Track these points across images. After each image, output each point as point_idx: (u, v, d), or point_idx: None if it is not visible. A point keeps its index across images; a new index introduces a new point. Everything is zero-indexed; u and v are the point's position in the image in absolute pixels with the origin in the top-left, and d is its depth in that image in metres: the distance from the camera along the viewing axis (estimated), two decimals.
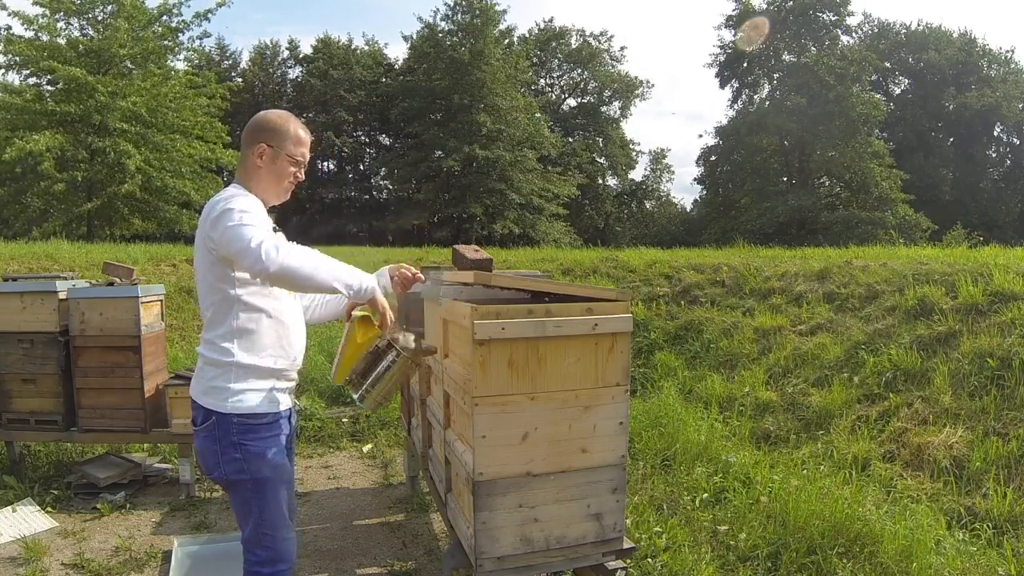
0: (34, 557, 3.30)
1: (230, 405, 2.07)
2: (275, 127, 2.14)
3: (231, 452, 2.08)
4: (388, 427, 5.55)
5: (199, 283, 2.14)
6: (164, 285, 4.84)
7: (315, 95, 31.37)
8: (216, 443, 2.08)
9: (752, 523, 3.39)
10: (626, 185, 39.38)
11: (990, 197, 35.32)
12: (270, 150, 2.13)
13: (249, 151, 2.15)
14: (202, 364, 2.14)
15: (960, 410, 4.31)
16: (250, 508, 2.12)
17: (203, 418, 2.11)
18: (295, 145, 2.16)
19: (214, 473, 2.13)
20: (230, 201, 1.98)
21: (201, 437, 2.12)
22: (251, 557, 2.15)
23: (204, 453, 2.13)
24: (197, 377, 2.15)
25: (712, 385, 5.83)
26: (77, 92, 15.43)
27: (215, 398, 2.08)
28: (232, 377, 2.08)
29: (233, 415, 2.07)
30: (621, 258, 10.23)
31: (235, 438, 2.07)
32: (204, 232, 2.03)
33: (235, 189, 2.12)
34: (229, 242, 1.90)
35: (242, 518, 2.16)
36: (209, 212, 2.01)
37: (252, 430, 2.09)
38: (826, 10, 32.28)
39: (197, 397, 2.13)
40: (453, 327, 2.50)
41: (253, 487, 2.10)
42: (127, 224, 17.44)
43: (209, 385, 2.09)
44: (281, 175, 2.16)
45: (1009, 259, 6.29)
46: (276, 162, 2.14)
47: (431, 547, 3.52)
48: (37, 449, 4.67)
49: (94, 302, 4.09)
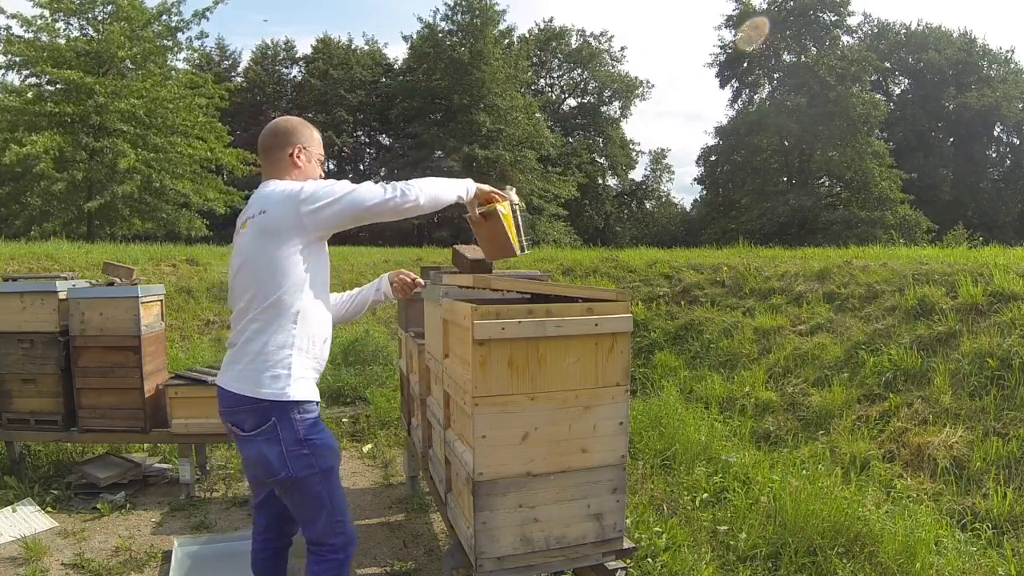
0: (34, 557, 3.30)
1: (292, 393, 2.08)
2: (302, 130, 2.30)
3: (298, 449, 2.09)
4: (388, 427, 5.55)
5: (255, 272, 2.11)
6: (164, 285, 4.84)
7: (315, 95, 31.36)
8: (279, 444, 2.08)
9: (752, 523, 3.38)
10: (626, 185, 39.39)
11: (990, 197, 35.32)
12: (305, 151, 2.27)
13: (282, 153, 2.24)
14: (252, 356, 2.10)
15: (960, 410, 4.31)
16: (321, 500, 2.14)
17: (259, 420, 2.08)
18: (318, 145, 2.35)
19: (280, 474, 2.10)
20: (313, 182, 2.15)
21: (259, 442, 2.09)
22: (325, 549, 2.16)
23: (265, 458, 2.09)
24: (244, 372, 2.10)
25: (712, 385, 5.83)
26: (76, 93, 15.43)
27: (274, 388, 2.07)
28: (293, 363, 2.11)
29: (294, 404, 2.08)
30: (621, 258, 10.24)
31: (300, 435, 2.10)
32: (291, 214, 2.07)
33: (290, 181, 2.20)
34: (358, 203, 2.08)
35: (312, 513, 2.15)
36: (290, 189, 2.10)
37: (311, 423, 2.13)
38: (826, 10, 32.26)
39: (250, 392, 2.08)
40: (453, 327, 2.50)
41: (322, 478, 2.13)
42: (127, 224, 17.44)
43: (268, 375, 2.08)
44: (316, 173, 2.32)
45: (1009, 259, 6.29)
46: (311, 162, 2.30)
47: (431, 547, 3.52)
48: (37, 449, 4.67)
49: (94, 302, 4.09)
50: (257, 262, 2.11)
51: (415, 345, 3.44)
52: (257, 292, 2.12)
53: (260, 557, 2.42)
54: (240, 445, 2.20)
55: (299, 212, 2.07)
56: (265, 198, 2.15)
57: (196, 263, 9.76)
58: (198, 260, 9.93)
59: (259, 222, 2.12)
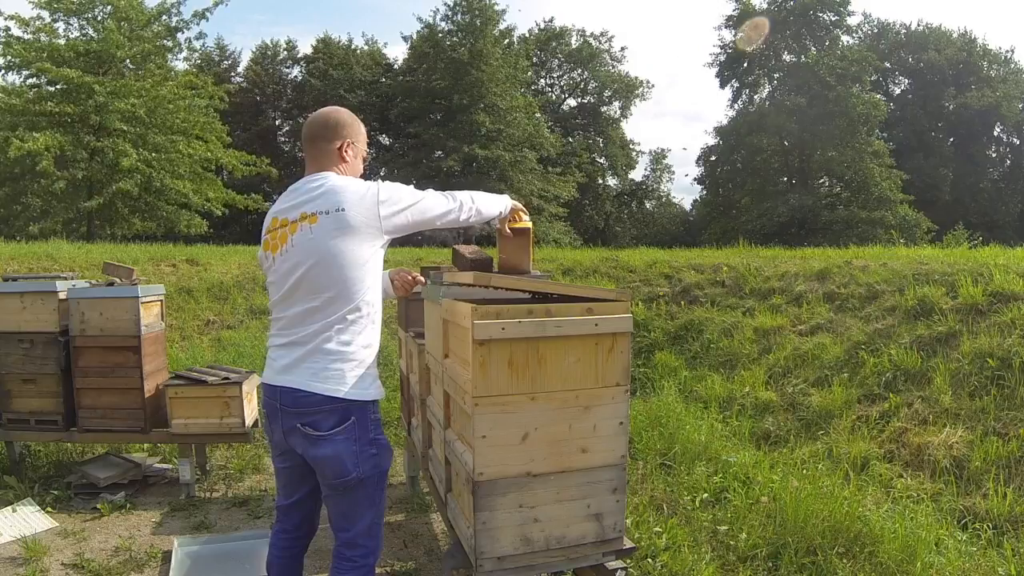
0: (34, 557, 3.30)
1: (373, 392, 2.12)
2: (353, 124, 2.26)
3: (368, 449, 2.10)
4: (388, 427, 5.55)
5: (338, 271, 2.05)
6: (164, 285, 4.83)
7: (315, 95, 31.30)
8: (355, 443, 2.08)
9: (752, 523, 3.38)
10: (626, 185, 39.35)
11: (990, 197, 35.33)
12: (353, 146, 2.25)
13: (330, 145, 2.21)
14: (327, 357, 2.06)
15: (960, 410, 4.31)
16: (373, 500, 2.16)
17: (339, 419, 2.06)
18: (364, 141, 2.32)
19: (351, 475, 2.08)
20: (388, 185, 2.16)
21: (337, 441, 2.06)
22: (359, 551, 2.15)
23: (339, 457, 2.06)
24: (327, 372, 2.05)
25: (712, 385, 5.83)
26: (75, 93, 15.42)
27: (359, 388, 2.08)
28: (368, 364, 2.13)
29: (370, 403, 2.11)
30: (621, 258, 10.24)
31: (372, 435, 2.12)
32: (373, 215, 2.08)
33: (350, 177, 2.20)
34: (425, 211, 2.18)
35: (360, 512, 2.14)
36: (360, 190, 2.10)
37: (378, 423, 2.16)
38: (826, 10, 32.25)
39: (335, 392, 2.05)
40: (453, 327, 2.50)
41: (379, 479, 2.16)
42: (127, 224, 17.45)
43: (351, 376, 2.07)
44: (359, 170, 2.30)
45: (1009, 259, 6.29)
46: (358, 157, 2.28)
47: (431, 547, 3.52)
48: (37, 449, 4.67)
49: (94, 302, 4.08)
50: (340, 260, 2.05)
51: (415, 345, 3.43)
52: (340, 292, 2.06)
53: (284, 555, 2.35)
54: (308, 445, 2.10)
55: (379, 214, 2.08)
56: (335, 194, 2.07)
57: (196, 263, 9.76)
58: (198, 260, 9.93)
59: (337, 219, 2.05)
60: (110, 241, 14.87)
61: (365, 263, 2.09)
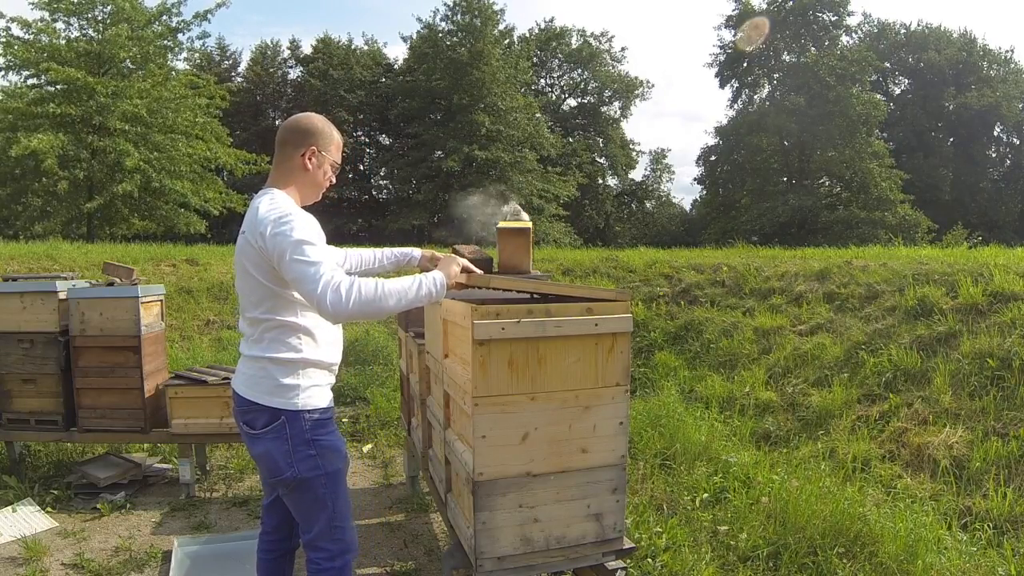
0: (34, 557, 3.30)
1: (301, 403, 2.09)
2: (321, 131, 2.19)
3: (304, 450, 2.09)
4: (388, 427, 5.55)
5: (247, 282, 2.09)
6: (164, 285, 4.83)
7: (315, 95, 31.32)
8: (287, 443, 2.08)
9: (752, 523, 3.38)
10: (626, 185, 39.36)
11: (990, 197, 35.34)
12: (318, 154, 2.17)
13: (295, 152, 2.15)
14: (261, 364, 2.10)
15: (960, 410, 4.31)
16: (324, 503, 2.14)
17: (268, 420, 2.09)
18: (336, 150, 2.24)
19: (286, 474, 2.10)
20: (288, 221, 1.97)
21: (267, 440, 2.09)
22: (320, 554, 2.15)
23: (272, 455, 2.10)
24: (254, 379, 2.11)
25: (712, 385, 5.83)
26: (77, 93, 15.42)
27: (284, 397, 2.08)
28: (301, 374, 2.10)
29: (304, 412, 2.09)
30: (621, 258, 10.24)
31: (308, 435, 2.10)
32: (256, 239, 2.00)
33: (285, 198, 2.10)
34: (295, 279, 1.95)
35: (313, 515, 2.15)
36: (262, 221, 1.99)
37: (321, 424, 2.13)
38: (826, 10, 32.28)
39: (258, 398, 2.10)
40: (453, 327, 2.50)
41: (327, 481, 2.13)
42: (127, 224, 17.45)
43: (276, 384, 2.08)
44: (322, 179, 2.22)
45: (1009, 259, 6.29)
46: (322, 166, 2.20)
47: (431, 547, 3.52)
48: (37, 449, 4.67)
49: (94, 302, 4.08)
50: (250, 279, 2.09)
51: (415, 345, 3.44)
52: (270, 306, 2.09)
53: (267, 559, 2.39)
54: (249, 443, 2.20)
55: (261, 244, 2.01)
56: (252, 215, 2.07)
57: (196, 263, 9.76)
58: (198, 260, 9.94)
59: (241, 242, 2.09)
60: (110, 241, 14.88)
61: (270, 285, 2.05)
